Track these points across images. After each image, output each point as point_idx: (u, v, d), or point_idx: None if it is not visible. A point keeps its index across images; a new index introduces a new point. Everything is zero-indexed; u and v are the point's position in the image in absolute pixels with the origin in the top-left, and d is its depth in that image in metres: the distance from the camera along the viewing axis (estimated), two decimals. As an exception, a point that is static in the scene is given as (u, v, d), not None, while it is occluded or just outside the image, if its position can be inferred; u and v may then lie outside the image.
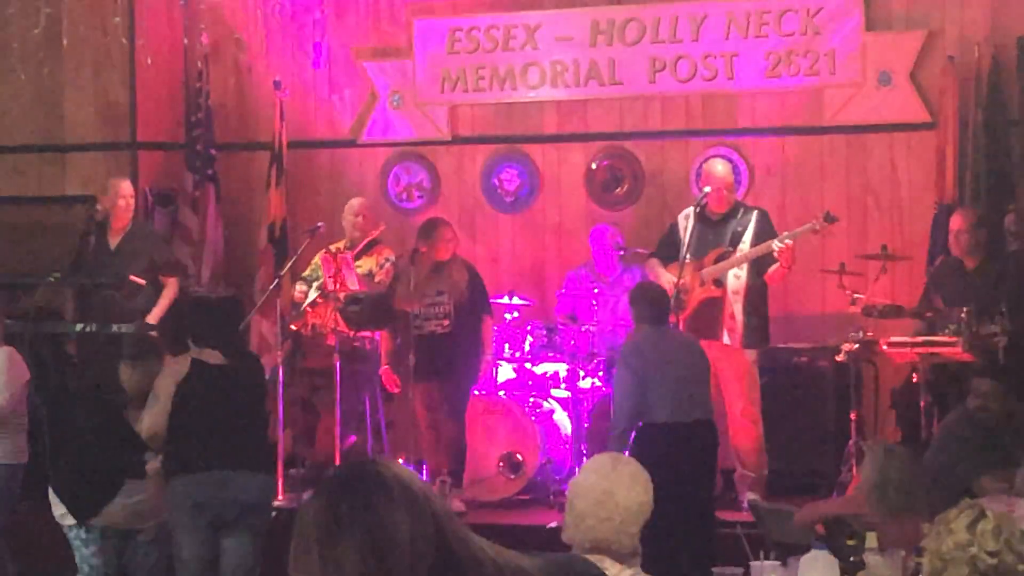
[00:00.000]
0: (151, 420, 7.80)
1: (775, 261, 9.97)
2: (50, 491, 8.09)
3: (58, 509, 8.07)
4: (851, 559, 5.56)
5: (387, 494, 2.66)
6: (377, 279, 10.81)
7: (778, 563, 5.80)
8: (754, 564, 5.74)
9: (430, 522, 2.66)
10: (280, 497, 9.87)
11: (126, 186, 11.23)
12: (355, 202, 11.27)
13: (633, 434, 8.63)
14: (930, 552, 4.29)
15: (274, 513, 8.37)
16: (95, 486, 7.92)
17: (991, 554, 4.18)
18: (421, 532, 2.64)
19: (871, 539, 5.67)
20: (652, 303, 9.01)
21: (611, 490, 4.75)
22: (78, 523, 7.98)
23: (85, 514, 7.94)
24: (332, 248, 10.88)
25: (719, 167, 10.49)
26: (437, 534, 2.66)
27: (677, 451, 8.54)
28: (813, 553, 5.56)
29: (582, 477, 4.91)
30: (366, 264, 10.91)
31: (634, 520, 4.76)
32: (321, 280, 10.90)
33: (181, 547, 7.81)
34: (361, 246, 10.98)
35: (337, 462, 10.29)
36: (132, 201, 11.21)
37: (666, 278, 10.11)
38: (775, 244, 9.82)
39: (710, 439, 8.95)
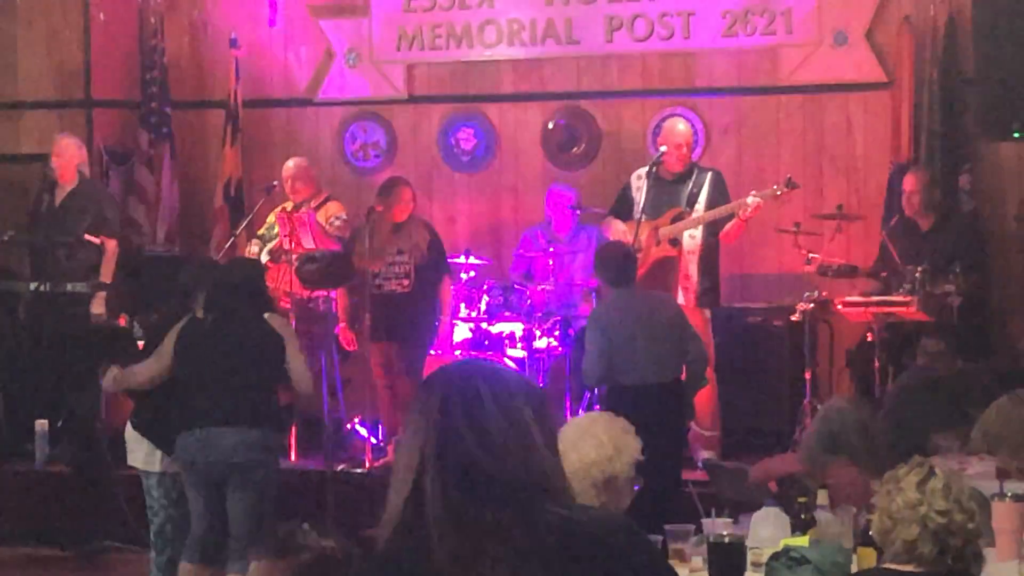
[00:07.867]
0: (147, 368, 8.11)
1: (732, 218, 10.00)
2: (128, 441, 8.23)
3: (136, 456, 8.23)
4: (802, 516, 5.58)
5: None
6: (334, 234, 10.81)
7: (730, 520, 5.82)
8: (706, 521, 5.75)
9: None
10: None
11: (69, 143, 11.16)
12: (289, 163, 11.21)
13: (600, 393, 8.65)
14: (880, 510, 4.31)
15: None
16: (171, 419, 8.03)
17: (941, 513, 4.20)
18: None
19: (822, 496, 5.69)
20: (612, 266, 8.92)
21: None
22: (168, 453, 8.04)
23: (170, 446, 8.00)
24: (288, 207, 10.86)
25: (680, 126, 10.49)
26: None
27: (645, 413, 8.51)
28: (764, 510, 5.59)
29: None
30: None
31: (579, 477, 4.76)
32: (275, 241, 10.86)
33: (190, 500, 7.99)
34: (318, 201, 10.97)
35: (293, 424, 10.29)
36: (76, 158, 11.13)
37: (621, 228, 10.13)
38: (749, 200, 9.82)
39: (675, 399, 8.90)
